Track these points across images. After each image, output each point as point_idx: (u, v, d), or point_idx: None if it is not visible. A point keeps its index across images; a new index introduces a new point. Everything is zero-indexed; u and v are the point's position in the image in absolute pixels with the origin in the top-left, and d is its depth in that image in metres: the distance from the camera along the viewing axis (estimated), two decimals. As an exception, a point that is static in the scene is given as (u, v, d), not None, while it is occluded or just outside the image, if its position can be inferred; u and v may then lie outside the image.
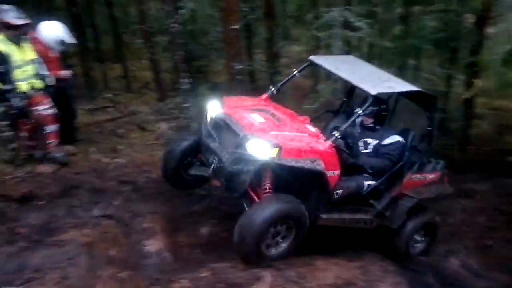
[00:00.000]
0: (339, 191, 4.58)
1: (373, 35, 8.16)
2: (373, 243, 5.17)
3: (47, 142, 5.65)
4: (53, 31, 6.04)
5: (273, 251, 4.18)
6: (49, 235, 4.12)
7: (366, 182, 4.80)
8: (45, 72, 5.64)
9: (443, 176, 5.35)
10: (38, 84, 5.51)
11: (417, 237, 5.32)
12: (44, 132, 5.62)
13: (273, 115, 4.63)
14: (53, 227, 4.29)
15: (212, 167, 4.45)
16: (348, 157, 4.73)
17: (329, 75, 7.22)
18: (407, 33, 9.54)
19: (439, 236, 5.48)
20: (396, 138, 4.91)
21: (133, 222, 4.71)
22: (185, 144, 5.08)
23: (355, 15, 7.47)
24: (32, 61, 5.46)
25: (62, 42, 6.11)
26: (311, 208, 4.37)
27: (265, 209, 3.99)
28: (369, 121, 4.98)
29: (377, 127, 5.01)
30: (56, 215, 4.55)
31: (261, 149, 3.95)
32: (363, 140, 5.03)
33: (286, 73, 4.61)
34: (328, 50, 10.34)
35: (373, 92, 4.29)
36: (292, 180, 4.33)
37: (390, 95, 5.14)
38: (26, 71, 5.38)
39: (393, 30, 9.98)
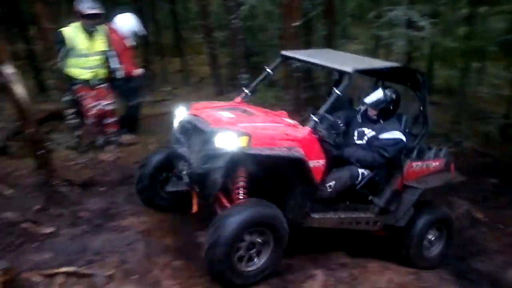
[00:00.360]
0: (331, 183, 4.10)
1: (436, 35, 7.88)
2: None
3: (108, 131, 5.91)
4: (128, 23, 6.22)
5: (251, 267, 3.65)
6: (109, 220, 4.28)
7: (360, 170, 4.29)
8: (117, 65, 5.82)
9: (449, 164, 4.83)
10: (103, 75, 5.72)
11: (431, 237, 4.77)
12: (104, 123, 5.88)
13: (244, 111, 4.23)
14: (113, 213, 4.44)
15: (183, 175, 3.94)
16: (331, 148, 4.21)
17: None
18: (472, 34, 9.14)
19: (495, 246, 5.24)
20: (397, 134, 4.39)
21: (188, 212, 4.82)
22: (158, 158, 4.52)
23: (419, 14, 7.25)
24: (101, 53, 5.66)
25: (136, 34, 6.32)
26: (297, 208, 3.96)
27: (235, 216, 3.48)
28: (373, 113, 4.51)
29: (380, 120, 4.52)
30: (115, 202, 4.70)
31: (229, 140, 3.52)
32: (359, 129, 4.57)
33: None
34: (388, 49, 10.14)
35: (348, 69, 3.95)
36: (269, 176, 3.92)
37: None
38: (92, 60, 5.59)
39: (457, 31, 9.60)
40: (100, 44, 5.64)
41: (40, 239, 3.80)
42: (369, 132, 4.49)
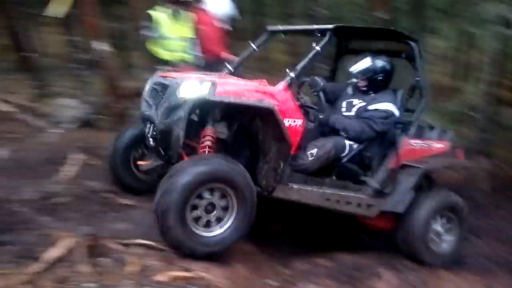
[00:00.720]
0: (313, 151, 3.74)
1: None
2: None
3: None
4: (222, 5, 6.11)
5: (207, 233, 3.25)
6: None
7: (347, 142, 3.93)
8: (197, 52, 5.84)
9: (455, 149, 4.41)
10: (187, 59, 5.85)
11: (437, 227, 4.24)
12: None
13: (219, 75, 3.97)
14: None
15: (148, 138, 3.66)
16: (315, 114, 3.90)
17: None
18: None
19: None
20: (388, 106, 4.02)
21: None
22: (132, 131, 4.13)
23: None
24: (185, 38, 5.79)
25: (230, 18, 6.16)
26: (270, 171, 3.61)
27: (192, 167, 3.13)
28: (362, 84, 4.18)
29: (370, 92, 4.17)
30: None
31: (191, 89, 3.28)
32: (347, 100, 4.22)
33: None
34: (479, 48, 9.55)
35: (330, 26, 3.78)
36: (239, 137, 3.66)
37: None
38: (175, 44, 5.71)
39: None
40: (185, 29, 5.76)
41: (120, 210, 3.99)
42: (358, 103, 4.16)
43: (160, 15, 5.58)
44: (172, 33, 5.62)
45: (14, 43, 11.21)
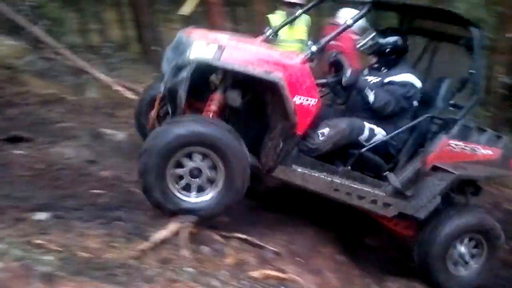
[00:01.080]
0: (324, 130, 3.39)
1: None
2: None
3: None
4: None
5: (188, 197, 3.14)
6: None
7: (368, 125, 3.52)
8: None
9: (507, 159, 3.73)
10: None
11: (462, 249, 3.74)
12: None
13: (247, 38, 3.72)
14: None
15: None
16: (340, 75, 3.50)
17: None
18: None
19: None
20: (407, 77, 3.59)
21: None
22: (157, 87, 3.81)
23: None
24: (300, 41, 5.87)
25: (364, 31, 6.02)
26: (271, 149, 3.36)
27: (175, 127, 3.00)
28: (373, 60, 3.85)
29: (383, 68, 3.79)
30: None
31: (199, 50, 3.10)
32: (363, 78, 3.78)
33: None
34: None
35: None
36: (251, 103, 3.40)
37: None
38: (290, 47, 5.82)
39: None
40: (299, 32, 5.85)
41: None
42: (373, 79, 3.76)
43: (277, 18, 5.73)
44: (288, 35, 5.74)
45: (140, 35, 12.11)
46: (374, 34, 3.81)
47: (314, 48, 3.36)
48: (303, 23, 5.85)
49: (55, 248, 2.41)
